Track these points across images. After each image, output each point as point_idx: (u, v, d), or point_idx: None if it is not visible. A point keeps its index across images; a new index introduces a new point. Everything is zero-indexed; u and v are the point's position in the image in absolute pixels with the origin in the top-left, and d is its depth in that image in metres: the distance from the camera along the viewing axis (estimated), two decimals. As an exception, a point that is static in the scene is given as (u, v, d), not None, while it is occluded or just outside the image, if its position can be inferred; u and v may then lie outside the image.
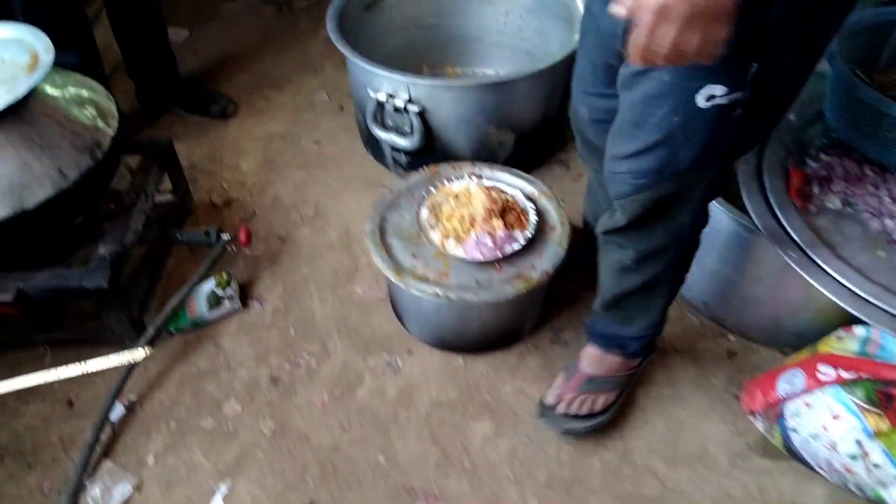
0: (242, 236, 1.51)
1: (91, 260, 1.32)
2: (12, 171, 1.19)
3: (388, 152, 1.76)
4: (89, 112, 1.33)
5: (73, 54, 1.65)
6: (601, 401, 1.26)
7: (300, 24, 2.44)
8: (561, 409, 1.26)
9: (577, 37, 1.62)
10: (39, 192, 1.20)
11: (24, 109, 1.22)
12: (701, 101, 0.80)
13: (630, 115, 0.90)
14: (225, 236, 1.49)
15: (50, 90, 1.30)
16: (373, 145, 1.82)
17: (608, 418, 1.27)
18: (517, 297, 1.23)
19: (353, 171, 1.85)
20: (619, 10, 0.68)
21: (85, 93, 1.36)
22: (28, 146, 1.21)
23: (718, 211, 1.25)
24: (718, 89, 0.79)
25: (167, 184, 1.65)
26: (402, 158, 1.73)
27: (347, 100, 2.08)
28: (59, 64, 1.28)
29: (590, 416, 1.26)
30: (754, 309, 1.36)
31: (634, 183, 0.93)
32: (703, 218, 1.04)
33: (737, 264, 1.30)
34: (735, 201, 1.25)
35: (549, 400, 1.27)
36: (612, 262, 1.10)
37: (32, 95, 1.22)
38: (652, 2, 0.64)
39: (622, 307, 1.17)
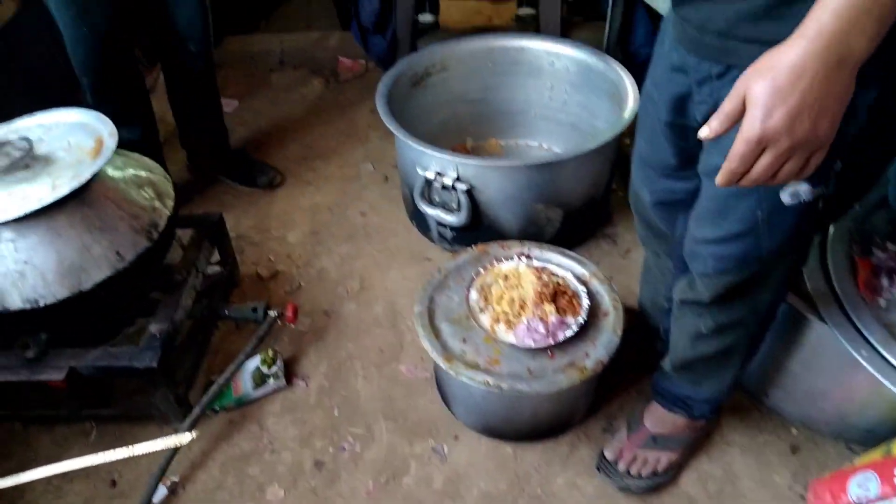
0: (290, 313, 1.51)
1: (141, 338, 1.33)
2: (72, 253, 1.21)
3: (433, 226, 1.76)
4: (147, 193, 1.36)
5: (133, 130, 1.71)
6: (664, 460, 1.26)
7: (346, 96, 2.50)
8: (622, 466, 1.26)
9: (625, 115, 1.63)
10: (97, 274, 1.22)
11: (87, 192, 1.25)
12: (786, 197, 0.80)
13: (713, 205, 0.90)
14: (272, 313, 1.49)
15: (111, 172, 1.34)
16: (418, 218, 1.82)
17: (669, 479, 1.27)
18: (570, 387, 1.19)
19: (399, 243, 1.85)
20: (706, 133, 0.66)
21: (144, 174, 1.40)
22: (88, 228, 1.23)
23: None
24: (803, 187, 0.78)
25: (215, 255, 1.67)
26: (448, 233, 1.73)
27: (392, 170, 2.11)
28: (121, 139, 1.32)
29: (652, 475, 1.25)
30: (819, 402, 1.30)
31: (717, 266, 0.94)
32: (783, 292, 1.04)
33: (801, 356, 1.24)
34: (799, 289, 1.21)
35: (610, 454, 1.28)
36: (687, 327, 1.09)
37: (95, 178, 1.25)
38: (750, 132, 0.62)
39: (693, 370, 1.16)
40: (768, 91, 0.60)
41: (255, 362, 1.46)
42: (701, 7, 0.80)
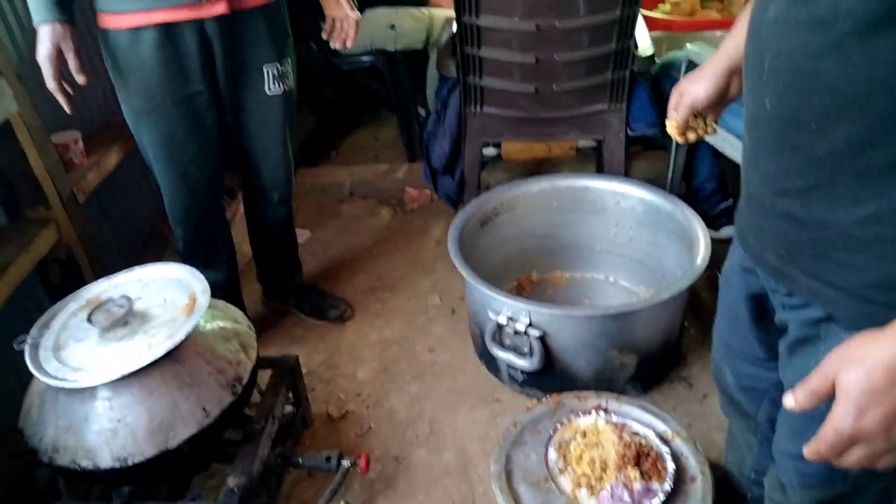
0: (363, 463, 1.50)
1: (220, 492, 1.33)
2: (163, 410, 1.25)
3: (504, 368, 1.75)
4: (233, 346, 1.40)
5: (218, 273, 1.80)
6: None
7: (413, 225, 2.59)
8: None
9: (698, 262, 1.62)
10: (183, 431, 1.25)
11: (179, 349, 1.30)
12: None
13: (790, 421, 0.85)
14: (346, 463, 1.48)
15: (201, 325, 1.40)
16: (487, 357, 1.82)
17: None
18: (661, 564, 1.13)
19: (467, 382, 1.84)
20: (791, 404, 0.61)
21: (229, 325, 1.46)
22: (179, 385, 1.28)
23: None
24: None
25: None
26: (519, 375, 1.72)
27: (459, 303, 2.14)
28: (206, 279, 1.40)
29: None
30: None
31: (801, 481, 0.87)
32: (890, 493, 0.94)
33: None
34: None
35: None
36: None
37: (187, 335, 1.31)
38: (841, 426, 0.57)
39: None
40: (862, 388, 0.55)
41: (327, 515, 1.44)
42: (762, 225, 0.78)
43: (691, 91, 1.01)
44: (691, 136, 1.08)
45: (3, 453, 1.44)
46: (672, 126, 1.07)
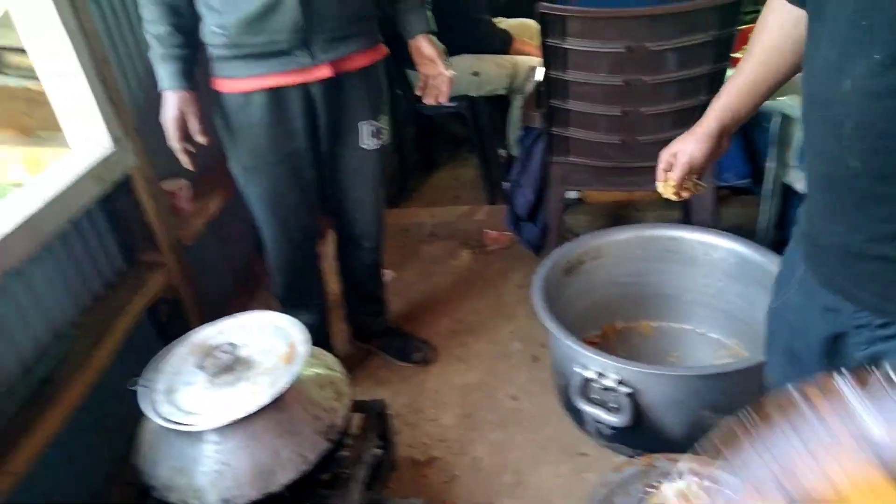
0: (449, 515, 1.52)
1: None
2: (265, 456, 1.31)
3: (590, 421, 1.73)
4: (328, 393, 1.46)
5: (312, 316, 1.88)
6: None
7: (493, 267, 2.61)
8: None
9: (795, 319, 1.57)
10: (283, 476, 1.31)
11: (280, 397, 1.37)
12: None
13: None
14: (434, 514, 1.51)
15: (299, 373, 1.46)
16: (572, 409, 1.81)
17: None
18: None
19: (552, 433, 1.83)
20: None
21: (324, 372, 1.51)
22: (280, 433, 1.33)
23: None
24: None
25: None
26: (606, 430, 1.70)
27: (540, 350, 2.13)
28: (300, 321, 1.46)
29: None
30: None
31: None
32: None
33: None
34: None
35: None
36: None
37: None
38: None
39: None
40: None
41: (414, 564, 1.46)
42: (852, 269, 0.80)
43: (688, 152, 1.08)
44: (685, 195, 1.14)
45: (120, 482, 1.54)
46: (668, 186, 1.14)
